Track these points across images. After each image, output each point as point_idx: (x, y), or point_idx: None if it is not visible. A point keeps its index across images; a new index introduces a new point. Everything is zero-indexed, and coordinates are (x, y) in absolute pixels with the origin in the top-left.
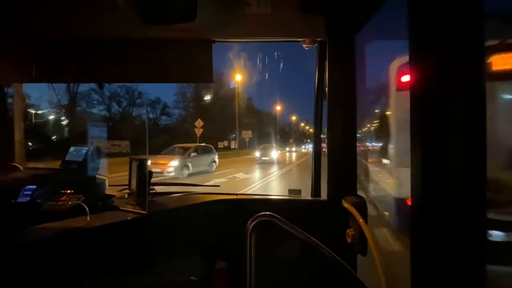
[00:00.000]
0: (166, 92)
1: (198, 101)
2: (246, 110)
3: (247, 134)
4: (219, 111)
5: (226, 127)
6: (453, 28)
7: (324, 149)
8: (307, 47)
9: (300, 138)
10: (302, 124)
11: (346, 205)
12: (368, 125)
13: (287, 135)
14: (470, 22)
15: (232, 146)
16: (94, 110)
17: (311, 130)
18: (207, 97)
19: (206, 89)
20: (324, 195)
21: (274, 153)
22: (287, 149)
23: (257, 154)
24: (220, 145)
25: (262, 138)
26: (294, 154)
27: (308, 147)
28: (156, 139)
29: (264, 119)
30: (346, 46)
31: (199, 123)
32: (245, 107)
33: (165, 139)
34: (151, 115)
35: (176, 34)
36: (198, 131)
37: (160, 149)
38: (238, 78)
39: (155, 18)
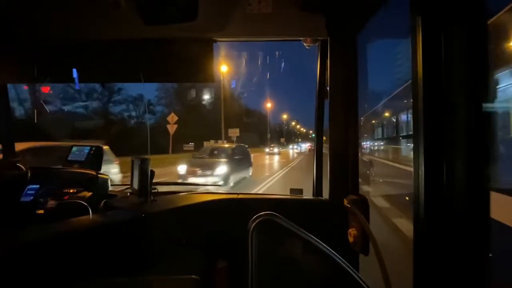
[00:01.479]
0: (148, 87)
1: (182, 97)
2: (234, 107)
3: (234, 133)
4: (206, 108)
5: (212, 126)
6: (454, 27)
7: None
8: (308, 46)
9: (291, 137)
10: (293, 123)
11: (348, 204)
12: None
13: (278, 134)
14: (471, 21)
15: None
16: (69, 108)
17: (302, 129)
18: (192, 93)
19: (191, 84)
20: (326, 195)
21: (224, 168)
22: (267, 150)
23: (180, 169)
24: (206, 144)
25: (251, 138)
26: (276, 158)
27: (300, 148)
28: (139, 138)
29: (254, 118)
30: (348, 45)
31: (172, 117)
32: (233, 105)
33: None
34: (133, 113)
35: (177, 33)
36: (171, 128)
37: (144, 149)
38: (223, 69)
39: (156, 18)
